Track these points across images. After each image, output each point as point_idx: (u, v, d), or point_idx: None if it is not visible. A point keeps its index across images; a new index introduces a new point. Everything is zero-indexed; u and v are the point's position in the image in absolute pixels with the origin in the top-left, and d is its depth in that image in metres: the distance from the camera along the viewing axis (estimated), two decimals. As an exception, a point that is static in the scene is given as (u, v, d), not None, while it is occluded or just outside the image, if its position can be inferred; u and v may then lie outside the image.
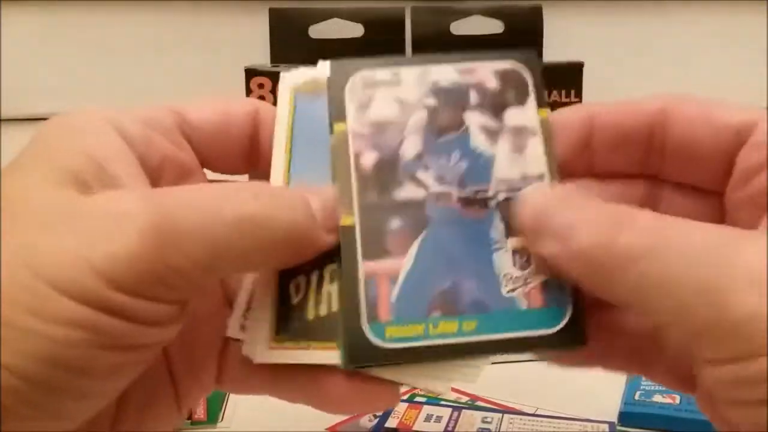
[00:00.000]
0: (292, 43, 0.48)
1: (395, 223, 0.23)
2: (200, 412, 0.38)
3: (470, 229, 0.23)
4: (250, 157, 0.25)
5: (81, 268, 0.17)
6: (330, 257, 0.23)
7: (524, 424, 0.37)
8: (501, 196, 0.23)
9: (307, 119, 0.25)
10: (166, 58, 0.50)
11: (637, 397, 0.37)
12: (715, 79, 0.53)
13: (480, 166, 0.24)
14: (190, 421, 0.38)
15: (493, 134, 0.24)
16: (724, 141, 0.22)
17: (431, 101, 0.25)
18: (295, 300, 0.23)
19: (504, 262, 0.23)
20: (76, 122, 0.21)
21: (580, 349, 0.22)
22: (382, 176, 0.23)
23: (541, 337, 0.22)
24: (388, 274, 0.22)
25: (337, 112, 0.24)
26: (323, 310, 0.23)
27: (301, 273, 0.23)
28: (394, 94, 0.25)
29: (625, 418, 0.36)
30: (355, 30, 0.48)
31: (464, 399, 0.39)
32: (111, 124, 0.21)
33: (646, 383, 0.39)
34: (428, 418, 0.37)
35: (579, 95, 0.44)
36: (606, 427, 0.36)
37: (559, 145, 0.24)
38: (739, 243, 0.18)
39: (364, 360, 0.22)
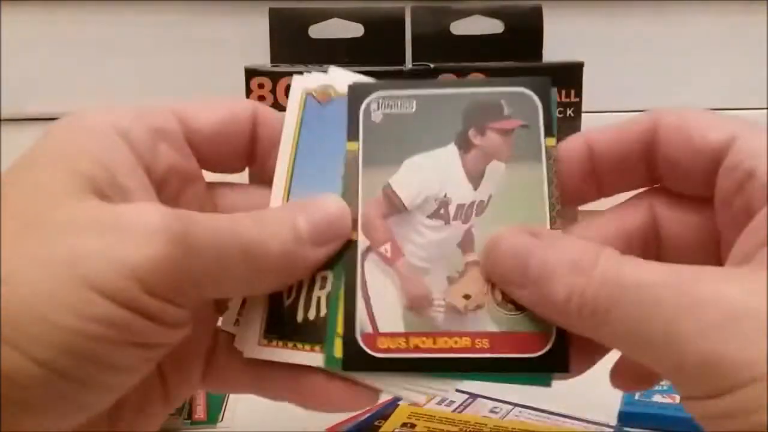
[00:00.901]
0: (292, 43, 0.48)
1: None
2: (200, 412, 0.38)
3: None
4: (248, 156, 0.26)
5: (119, 271, 0.19)
6: (324, 264, 0.24)
7: (529, 417, 0.37)
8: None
9: (316, 122, 0.26)
10: (166, 58, 0.50)
11: (637, 397, 0.37)
12: (715, 79, 0.53)
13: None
14: (190, 421, 0.38)
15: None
16: (703, 161, 0.23)
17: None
18: (286, 302, 0.25)
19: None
20: (85, 128, 0.22)
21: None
22: None
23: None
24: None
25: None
26: (312, 314, 0.24)
27: None
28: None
29: (625, 417, 0.36)
30: (355, 30, 0.48)
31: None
32: (119, 133, 0.22)
33: (646, 383, 0.39)
34: (441, 401, 0.38)
35: (579, 95, 0.44)
36: (608, 429, 0.36)
37: (566, 176, 0.25)
38: (690, 287, 0.19)
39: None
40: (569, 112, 0.44)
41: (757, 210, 0.21)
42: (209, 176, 0.27)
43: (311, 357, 0.24)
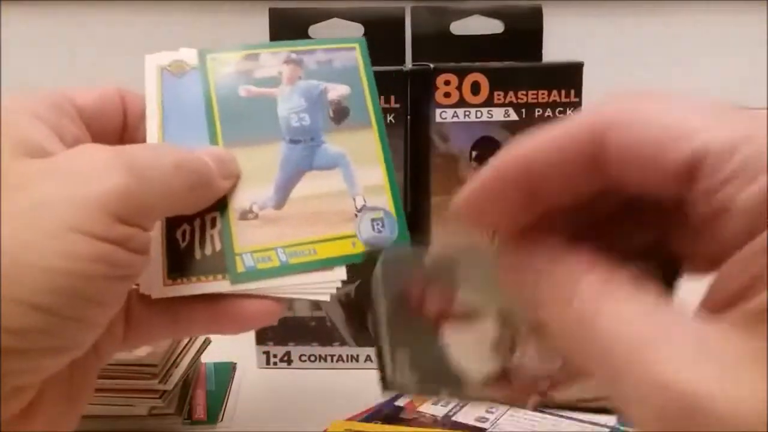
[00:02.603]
0: (292, 43, 0.48)
1: None
2: (200, 412, 0.38)
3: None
4: (122, 129, 0.30)
5: (91, 206, 0.21)
6: (208, 209, 0.28)
7: (525, 418, 0.37)
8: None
9: (175, 94, 0.30)
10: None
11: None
12: (715, 79, 0.53)
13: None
14: (190, 420, 0.38)
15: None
16: (665, 182, 0.17)
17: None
18: (182, 244, 0.28)
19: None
20: (5, 111, 0.25)
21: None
22: None
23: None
24: None
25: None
26: (208, 250, 0.28)
27: (184, 222, 0.28)
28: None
29: (624, 417, 0.36)
30: (355, 30, 0.48)
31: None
32: (31, 113, 0.25)
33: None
34: (436, 401, 0.38)
35: (579, 95, 0.44)
36: (605, 429, 0.36)
37: (491, 202, 0.20)
38: (654, 350, 0.16)
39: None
40: (569, 112, 0.44)
41: (736, 248, 0.16)
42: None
43: (216, 285, 0.27)
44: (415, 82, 0.45)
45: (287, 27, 0.48)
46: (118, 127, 0.29)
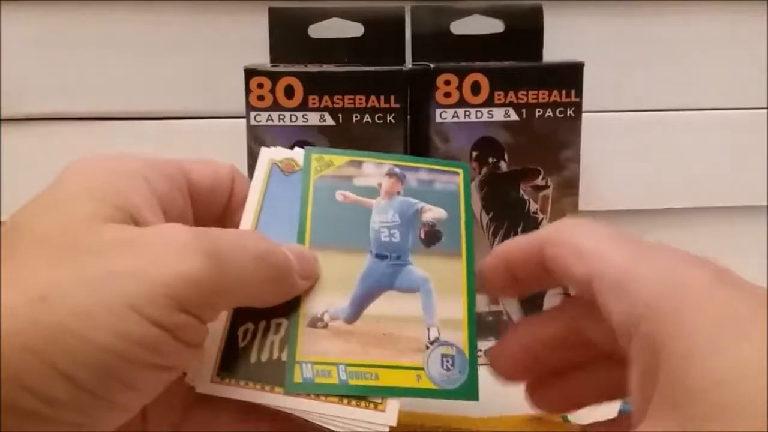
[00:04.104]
0: (291, 42, 0.48)
1: None
2: (200, 412, 0.38)
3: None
4: (224, 213, 0.29)
5: (155, 288, 0.20)
6: (276, 312, 0.27)
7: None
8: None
9: (279, 190, 0.30)
10: (166, 58, 0.50)
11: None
12: (715, 79, 0.53)
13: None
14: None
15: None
16: (580, 290, 0.24)
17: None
18: (241, 344, 0.27)
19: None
20: (106, 168, 0.23)
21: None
22: None
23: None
24: None
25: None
26: (264, 357, 0.27)
27: (249, 321, 0.27)
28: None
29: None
30: (355, 29, 0.48)
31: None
32: (142, 175, 0.24)
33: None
34: None
35: (579, 95, 0.44)
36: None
37: (492, 283, 0.29)
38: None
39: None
40: (569, 112, 0.44)
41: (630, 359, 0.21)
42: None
43: (263, 396, 0.26)
44: (415, 82, 0.45)
45: (287, 27, 0.48)
46: (222, 208, 0.29)
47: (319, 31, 0.48)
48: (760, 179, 0.53)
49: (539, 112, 0.43)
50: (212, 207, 0.28)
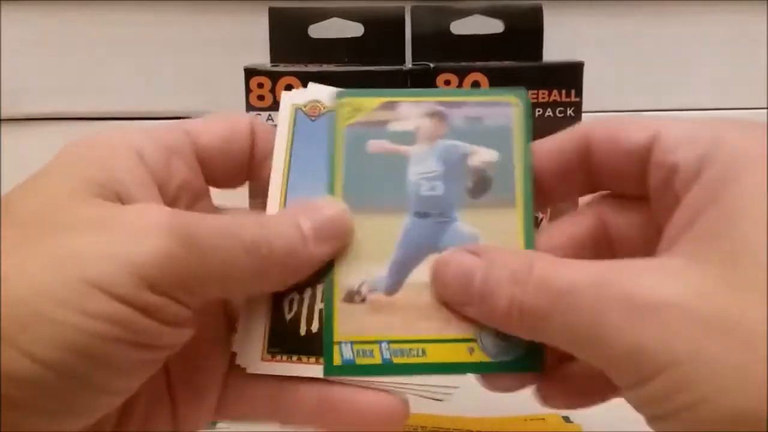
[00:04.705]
0: (291, 42, 0.48)
1: None
2: (200, 412, 0.38)
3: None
4: (247, 169, 0.27)
5: (121, 267, 0.19)
6: (322, 277, 0.25)
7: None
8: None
9: (306, 136, 0.27)
10: (166, 58, 0.50)
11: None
12: (715, 79, 0.53)
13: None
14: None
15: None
16: (632, 163, 0.24)
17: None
18: (288, 316, 0.25)
19: None
20: (101, 143, 0.23)
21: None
22: None
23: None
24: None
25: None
26: (315, 327, 0.25)
27: (294, 291, 0.25)
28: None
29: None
30: (355, 29, 0.48)
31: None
32: (135, 150, 0.23)
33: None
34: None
35: (579, 95, 0.44)
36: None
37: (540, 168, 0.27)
38: (612, 284, 0.20)
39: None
40: (569, 112, 0.44)
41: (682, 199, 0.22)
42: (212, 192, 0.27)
43: (316, 369, 0.24)
44: (415, 82, 0.45)
45: (287, 27, 0.47)
46: (244, 164, 0.27)
47: (319, 31, 0.48)
48: (760, 179, 0.53)
49: (539, 111, 0.43)
50: (232, 165, 0.26)
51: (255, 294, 0.25)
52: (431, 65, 0.43)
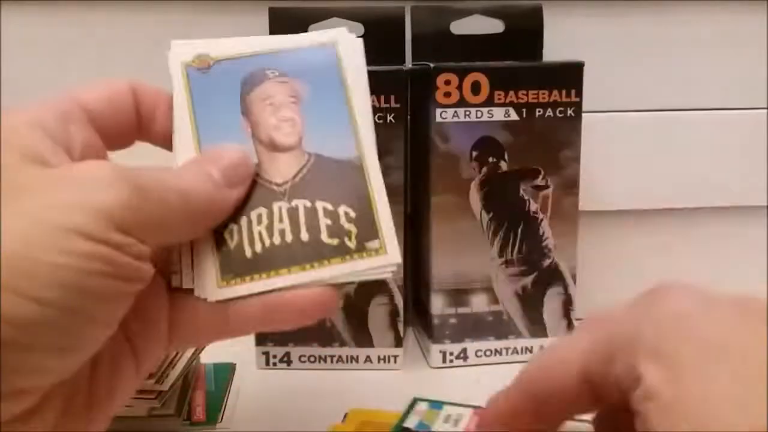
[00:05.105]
0: (291, 42, 0.48)
1: None
2: (199, 414, 0.38)
3: None
4: (138, 128, 0.30)
5: (92, 214, 0.22)
6: (253, 203, 0.29)
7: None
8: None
9: (203, 89, 0.31)
10: (166, 58, 0.50)
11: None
12: (715, 79, 0.53)
13: None
14: (189, 421, 0.38)
15: None
16: (579, 397, 0.24)
17: None
18: (231, 244, 0.28)
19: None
20: (6, 126, 0.25)
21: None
22: None
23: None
24: None
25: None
26: (258, 248, 0.28)
27: (232, 221, 0.28)
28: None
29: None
30: (355, 29, 0.48)
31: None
32: (36, 126, 0.25)
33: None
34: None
35: (579, 95, 0.44)
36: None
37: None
38: None
39: None
40: (569, 112, 0.44)
41: None
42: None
43: (271, 282, 0.28)
44: (415, 82, 0.45)
45: (287, 27, 0.47)
46: (132, 123, 0.30)
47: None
48: (760, 179, 0.53)
49: (539, 111, 0.43)
50: (121, 125, 0.29)
51: (193, 236, 0.28)
52: (431, 65, 0.43)
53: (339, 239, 0.28)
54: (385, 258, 0.28)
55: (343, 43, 0.32)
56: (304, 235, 0.28)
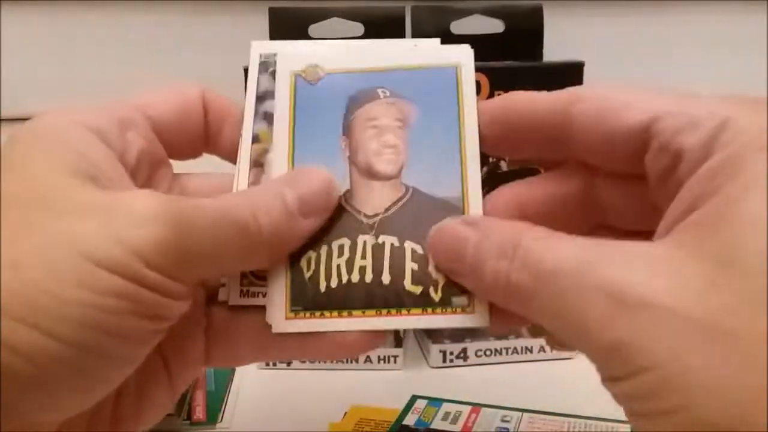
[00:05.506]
0: (292, 42, 0.48)
1: None
2: (200, 413, 0.38)
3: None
4: (205, 139, 0.28)
5: (121, 249, 0.20)
6: (337, 233, 0.26)
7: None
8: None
9: (308, 103, 0.28)
10: (166, 58, 0.50)
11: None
12: (715, 79, 0.53)
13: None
14: (189, 421, 0.37)
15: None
16: (626, 145, 0.23)
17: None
18: (307, 275, 0.26)
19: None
20: (58, 127, 0.23)
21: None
22: None
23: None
24: None
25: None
26: (334, 283, 0.26)
27: (311, 248, 0.26)
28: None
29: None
30: (355, 29, 0.48)
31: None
32: (90, 129, 0.23)
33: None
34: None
35: (579, 95, 0.44)
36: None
37: (483, 125, 0.26)
38: (599, 273, 0.19)
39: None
40: (569, 112, 0.44)
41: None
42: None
43: (340, 323, 0.25)
44: (415, 82, 0.45)
45: (287, 26, 0.47)
46: (200, 134, 0.28)
47: (319, 31, 0.48)
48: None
49: (539, 112, 0.43)
50: (186, 136, 0.27)
51: (257, 266, 0.26)
52: (431, 65, 0.43)
53: (423, 288, 0.25)
54: (472, 319, 0.25)
55: (466, 65, 0.28)
56: (386, 277, 0.26)
